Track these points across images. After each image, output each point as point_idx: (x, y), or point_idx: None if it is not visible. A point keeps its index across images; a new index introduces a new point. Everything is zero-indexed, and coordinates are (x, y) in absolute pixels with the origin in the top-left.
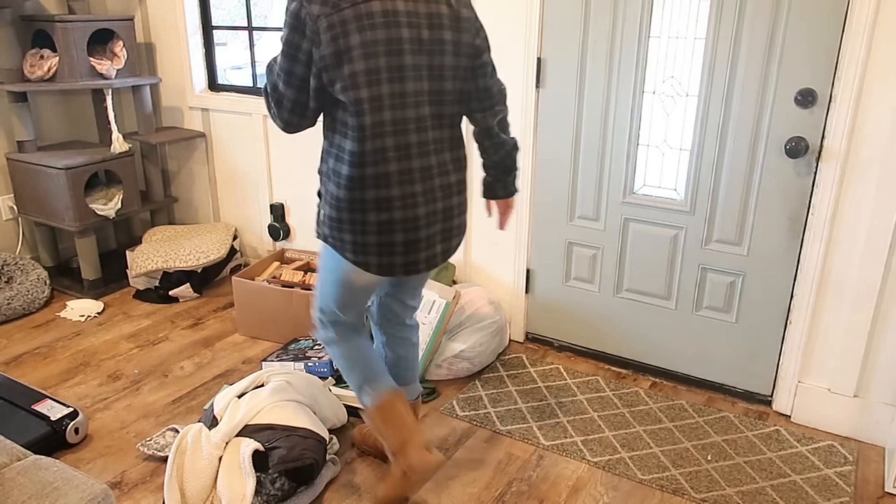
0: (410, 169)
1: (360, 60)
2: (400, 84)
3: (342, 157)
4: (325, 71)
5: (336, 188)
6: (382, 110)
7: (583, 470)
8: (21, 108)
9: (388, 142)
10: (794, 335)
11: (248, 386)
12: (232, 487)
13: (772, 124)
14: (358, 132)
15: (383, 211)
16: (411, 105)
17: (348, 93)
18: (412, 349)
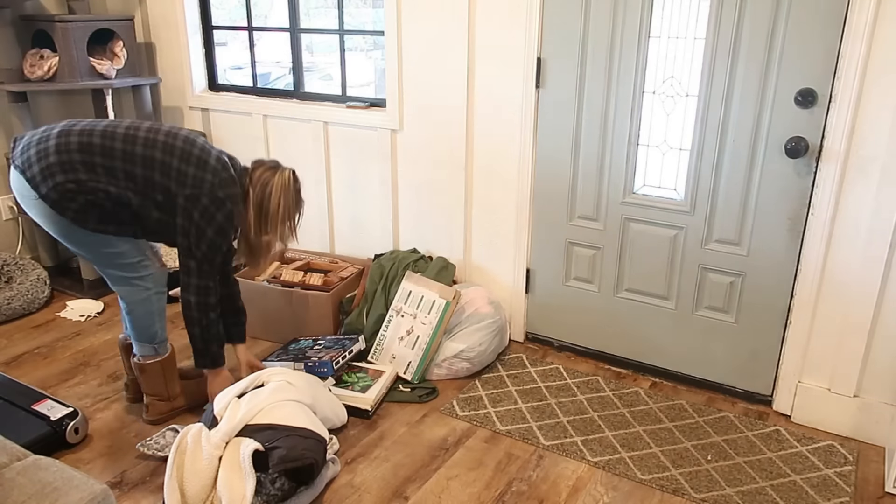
0: None
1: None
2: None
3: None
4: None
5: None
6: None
7: (583, 470)
8: (21, 108)
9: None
10: (794, 335)
11: (248, 386)
12: (232, 487)
13: (772, 124)
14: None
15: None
16: None
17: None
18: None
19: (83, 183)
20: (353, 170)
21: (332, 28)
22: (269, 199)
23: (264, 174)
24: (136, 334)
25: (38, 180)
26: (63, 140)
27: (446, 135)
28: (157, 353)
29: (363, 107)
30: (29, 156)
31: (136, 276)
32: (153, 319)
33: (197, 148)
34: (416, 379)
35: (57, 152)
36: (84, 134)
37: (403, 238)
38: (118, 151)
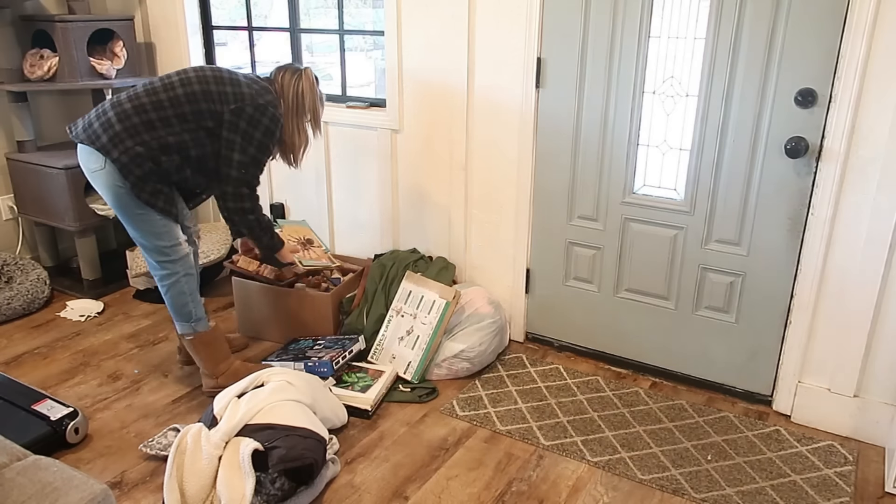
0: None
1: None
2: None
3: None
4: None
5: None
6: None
7: (583, 470)
8: (21, 108)
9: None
10: (794, 335)
11: (248, 386)
12: (231, 487)
13: (772, 124)
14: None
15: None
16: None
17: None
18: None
19: (147, 143)
20: (353, 170)
21: (332, 28)
22: (301, 98)
23: (290, 78)
24: (174, 314)
25: (108, 147)
26: (119, 109)
27: (446, 135)
28: (195, 330)
29: (363, 107)
30: (94, 129)
31: (167, 260)
32: (186, 300)
33: (224, 71)
34: (416, 379)
35: (119, 121)
36: (133, 98)
37: (403, 238)
38: (165, 101)
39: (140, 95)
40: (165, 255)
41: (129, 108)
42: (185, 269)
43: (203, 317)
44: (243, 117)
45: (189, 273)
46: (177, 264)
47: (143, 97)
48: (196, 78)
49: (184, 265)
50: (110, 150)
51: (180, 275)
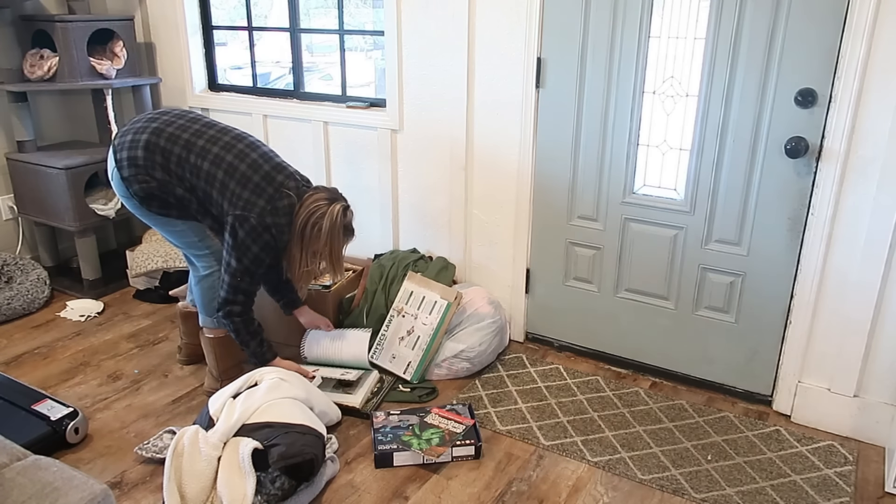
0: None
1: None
2: None
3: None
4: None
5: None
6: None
7: (583, 470)
8: (21, 108)
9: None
10: (794, 335)
11: (242, 386)
12: (232, 487)
13: (772, 124)
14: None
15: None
16: None
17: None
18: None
19: (160, 181)
20: (353, 170)
21: (332, 28)
22: (311, 230)
23: (315, 203)
24: (201, 306)
25: (123, 164)
26: (153, 140)
27: (446, 135)
28: (218, 325)
29: (363, 107)
30: (128, 139)
31: (199, 254)
32: (214, 294)
33: (259, 174)
34: (416, 379)
35: (145, 149)
36: (171, 140)
37: (403, 238)
38: (191, 166)
39: (177, 141)
40: (196, 248)
41: (161, 146)
42: (220, 263)
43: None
44: (243, 227)
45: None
46: (210, 258)
47: (178, 145)
48: (227, 166)
49: (218, 259)
50: (131, 184)
51: (214, 269)
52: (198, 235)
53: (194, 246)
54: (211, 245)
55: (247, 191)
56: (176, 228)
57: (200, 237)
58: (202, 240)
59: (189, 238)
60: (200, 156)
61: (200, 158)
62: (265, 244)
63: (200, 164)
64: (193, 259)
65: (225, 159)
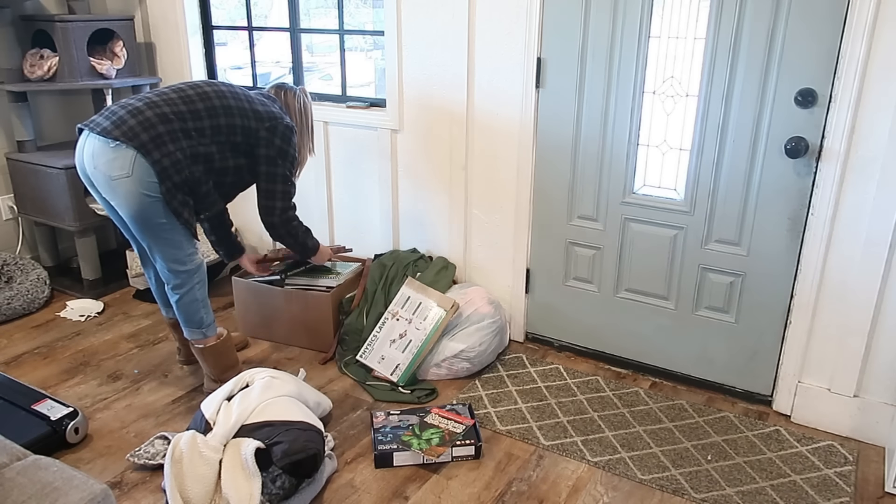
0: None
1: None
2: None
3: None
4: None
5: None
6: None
7: (583, 470)
8: (21, 107)
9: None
10: (794, 335)
11: (235, 388)
12: (238, 488)
13: (772, 124)
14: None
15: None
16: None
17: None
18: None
19: (184, 150)
20: (353, 170)
21: (332, 28)
22: (306, 117)
23: (293, 98)
24: (184, 320)
25: (149, 147)
26: (158, 111)
27: (446, 134)
28: (205, 336)
29: (363, 107)
30: (130, 126)
31: (183, 270)
32: (198, 306)
33: (236, 88)
34: (403, 381)
35: (161, 122)
36: (169, 103)
37: (403, 238)
38: (201, 110)
39: (175, 101)
40: (182, 263)
41: (167, 111)
42: (199, 277)
43: (213, 321)
44: (277, 134)
45: (202, 280)
46: (192, 274)
47: (178, 103)
48: (214, 93)
49: (199, 273)
50: (151, 150)
51: (194, 283)
52: (189, 248)
53: (180, 261)
54: (196, 259)
55: (252, 104)
56: (174, 237)
57: (192, 248)
58: (190, 254)
59: (181, 251)
60: (204, 98)
61: (207, 100)
62: (294, 145)
63: (210, 105)
64: (174, 275)
65: (206, 91)
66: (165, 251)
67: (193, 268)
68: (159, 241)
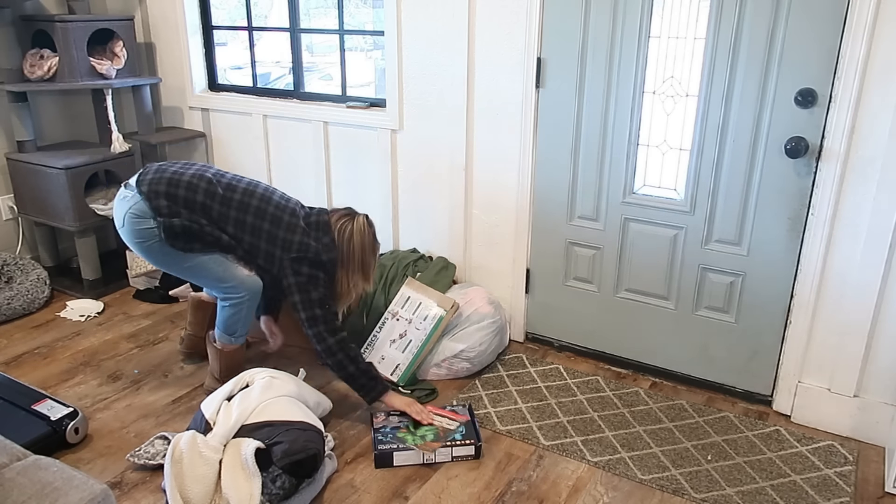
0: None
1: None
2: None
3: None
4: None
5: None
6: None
7: (583, 470)
8: (21, 108)
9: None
10: (794, 335)
11: (234, 388)
12: (238, 488)
13: (772, 124)
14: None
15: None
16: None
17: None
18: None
19: (203, 226)
20: (353, 170)
21: (332, 28)
22: (349, 250)
23: (341, 224)
24: (223, 326)
25: (163, 210)
26: (195, 182)
27: (446, 135)
28: (231, 343)
29: (363, 107)
30: (158, 190)
31: (229, 286)
32: (239, 318)
33: (294, 217)
34: (403, 381)
35: (185, 206)
36: (210, 190)
37: (403, 238)
38: (233, 220)
39: (216, 191)
40: (227, 281)
41: (199, 200)
42: (250, 291)
43: (245, 333)
44: (304, 263)
45: (254, 294)
46: (240, 289)
47: (215, 199)
48: (255, 209)
49: (248, 287)
50: (161, 209)
51: (245, 298)
52: (221, 266)
53: (220, 278)
54: (236, 275)
55: (297, 234)
56: (196, 262)
57: (224, 267)
58: (226, 270)
59: (214, 271)
60: (242, 209)
61: (243, 211)
62: (325, 274)
63: (244, 218)
64: (221, 293)
65: (267, 210)
66: (198, 276)
67: (238, 283)
68: (186, 273)
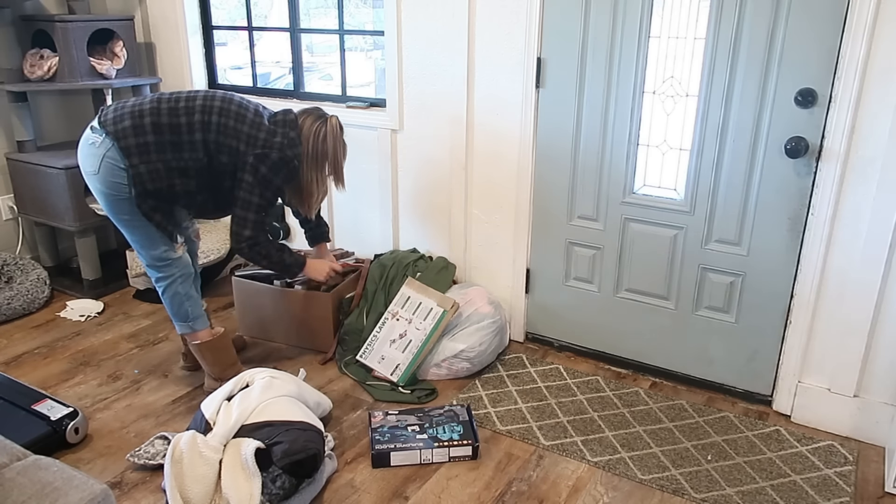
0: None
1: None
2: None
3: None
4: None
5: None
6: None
7: (583, 470)
8: (21, 108)
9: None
10: (794, 335)
11: (235, 387)
12: (238, 488)
13: (772, 124)
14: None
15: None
16: None
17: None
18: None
19: (169, 162)
20: (353, 170)
21: (332, 28)
22: (322, 148)
23: (313, 125)
24: (171, 314)
25: (133, 151)
26: (155, 120)
27: (446, 134)
28: (193, 329)
29: (363, 107)
30: (125, 126)
31: (162, 264)
32: (181, 300)
33: (245, 107)
34: (403, 381)
35: (154, 132)
36: (172, 113)
37: (403, 238)
38: (196, 123)
39: (177, 111)
40: (158, 259)
41: (164, 122)
42: (180, 270)
43: (201, 315)
44: (265, 163)
45: (185, 273)
46: (171, 267)
47: (180, 114)
48: (218, 108)
49: (179, 267)
50: (132, 154)
51: (175, 276)
52: (165, 245)
53: (157, 257)
54: (172, 255)
55: (262, 132)
56: (147, 234)
57: (167, 246)
58: (167, 249)
59: (155, 249)
60: (191, 112)
61: (193, 114)
62: (286, 176)
63: (196, 118)
64: (155, 269)
65: (213, 105)
66: (138, 246)
67: (171, 261)
68: (130, 235)
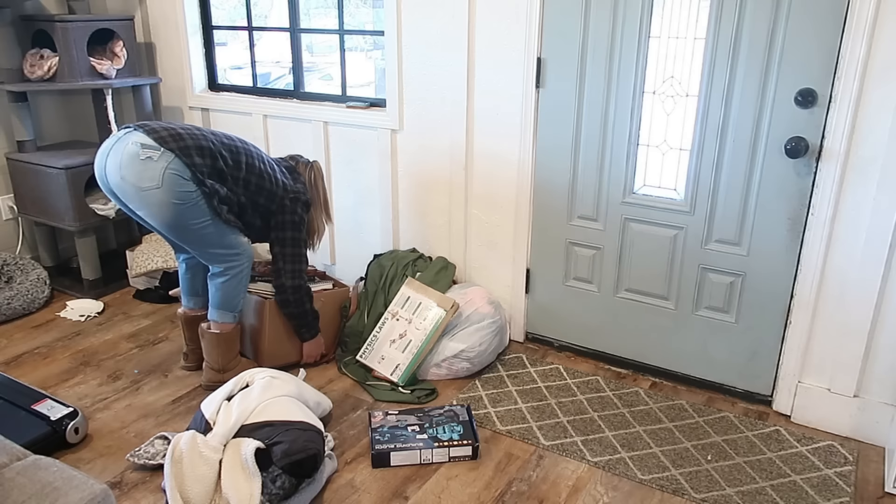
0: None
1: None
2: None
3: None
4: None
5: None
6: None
7: (583, 470)
8: (21, 108)
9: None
10: (794, 335)
11: (234, 388)
12: (238, 488)
13: (772, 124)
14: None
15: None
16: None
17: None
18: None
19: (221, 188)
20: (353, 170)
21: (332, 28)
22: (319, 191)
23: (307, 170)
24: (223, 304)
25: (191, 151)
26: (205, 143)
27: (446, 134)
28: (235, 320)
29: (363, 107)
30: (187, 145)
31: (234, 254)
32: (240, 290)
33: (265, 163)
34: (403, 381)
35: (214, 157)
36: (215, 141)
37: (403, 238)
38: (242, 163)
39: (218, 141)
40: (231, 246)
41: (213, 148)
42: (248, 260)
43: (241, 307)
44: (299, 205)
45: (251, 261)
46: (241, 256)
47: (220, 146)
48: (249, 152)
49: (247, 256)
50: (192, 153)
51: (244, 266)
52: (234, 231)
53: (232, 246)
54: (244, 242)
55: (283, 177)
56: (217, 229)
57: (236, 232)
58: (236, 237)
59: (228, 236)
60: (244, 154)
61: (244, 156)
62: (304, 223)
63: (251, 161)
64: (226, 259)
65: (259, 154)
66: (212, 243)
67: (243, 251)
68: (202, 240)
